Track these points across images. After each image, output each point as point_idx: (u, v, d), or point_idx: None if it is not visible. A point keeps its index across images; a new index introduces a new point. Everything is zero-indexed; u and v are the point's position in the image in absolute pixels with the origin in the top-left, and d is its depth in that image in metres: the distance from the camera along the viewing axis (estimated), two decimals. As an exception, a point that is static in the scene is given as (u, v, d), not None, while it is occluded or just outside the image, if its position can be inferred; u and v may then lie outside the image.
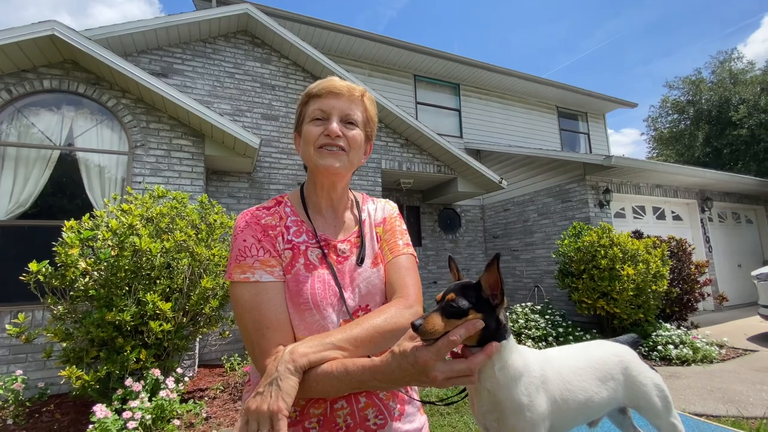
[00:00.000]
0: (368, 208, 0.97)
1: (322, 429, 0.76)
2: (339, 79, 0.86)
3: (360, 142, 0.86)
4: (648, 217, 7.80)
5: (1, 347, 3.63)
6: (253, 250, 0.79)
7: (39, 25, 3.89)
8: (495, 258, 0.59)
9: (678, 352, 4.49)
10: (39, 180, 4.08)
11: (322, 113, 0.83)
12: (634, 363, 0.71)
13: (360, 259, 0.86)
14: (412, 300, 0.80)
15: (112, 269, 2.81)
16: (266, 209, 0.87)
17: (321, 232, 0.86)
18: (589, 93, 10.89)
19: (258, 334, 0.72)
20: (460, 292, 0.59)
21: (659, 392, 0.69)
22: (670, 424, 0.68)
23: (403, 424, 0.84)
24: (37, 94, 4.18)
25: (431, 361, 0.56)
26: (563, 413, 0.61)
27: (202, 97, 5.43)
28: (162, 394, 2.71)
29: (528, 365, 0.60)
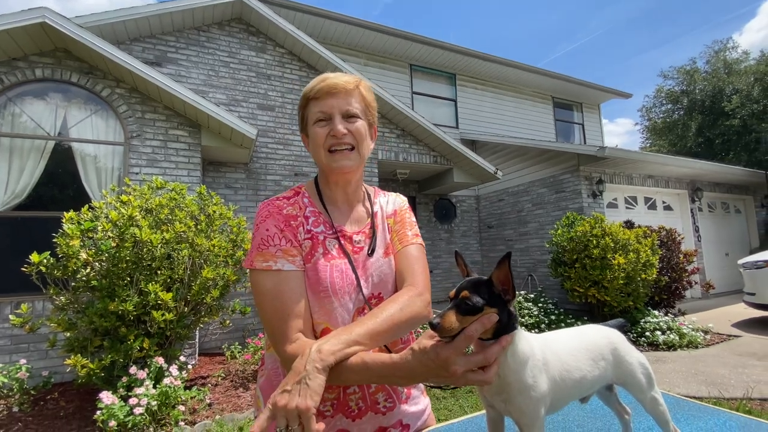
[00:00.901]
0: (380, 201, 1.01)
1: (336, 412, 0.82)
2: (332, 75, 0.87)
3: (364, 132, 0.89)
4: (640, 207, 7.94)
5: (2, 337, 3.66)
6: (276, 239, 0.81)
7: (29, 12, 3.82)
8: (507, 256, 0.61)
9: (665, 338, 4.65)
10: (34, 171, 4.06)
11: (323, 114, 0.85)
12: (622, 344, 0.77)
13: (371, 249, 0.90)
14: (421, 288, 0.84)
15: (113, 260, 2.84)
16: (287, 199, 0.89)
17: (337, 224, 0.90)
18: (583, 83, 10.92)
19: (279, 321, 0.75)
20: (473, 289, 0.61)
21: (644, 370, 0.76)
22: (652, 398, 0.75)
23: (409, 406, 0.91)
24: (29, 83, 4.12)
25: (452, 356, 0.58)
26: (561, 391, 0.67)
27: (197, 86, 5.39)
28: (166, 381, 2.77)
29: (532, 350, 0.65)
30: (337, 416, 0.82)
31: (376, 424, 0.85)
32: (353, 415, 0.83)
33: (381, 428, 0.86)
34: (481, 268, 9.03)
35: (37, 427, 2.87)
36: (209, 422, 2.82)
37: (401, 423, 0.89)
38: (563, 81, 10.63)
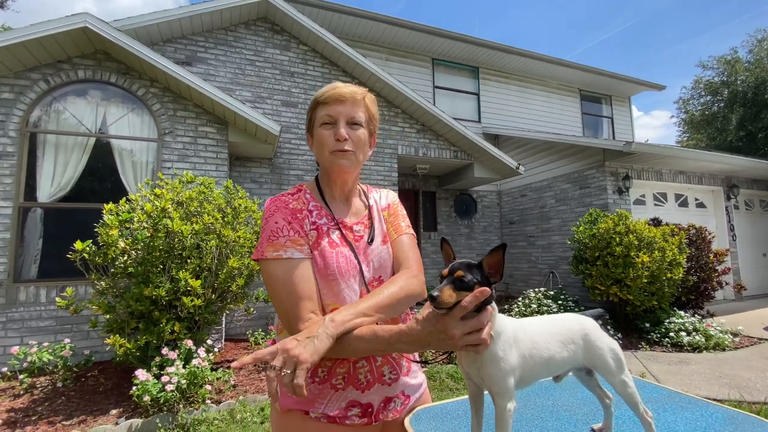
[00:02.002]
0: (374, 196, 1.12)
1: (347, 384, 0.92)
2: (343, 84, 0.97)
3: (364, 140, 0.99)
4: (669, 204, 7.66)
5: (49, 318, 3.99)
6: (285, 230, 0.90)
7: (72, 18, 4.10)
8: (502, 246, 0.72)
9: (690, 339, 4.53)
10: (77, 165, 4.38)
11: (330, 118, 0.94)
12: (593, 331, 0.84)
13: (371, 238, 1.01)
14: (415, 270, 0.96)
15: (148, 249, 3.07)
16: (291, 195, 0.99)
17: (338, 216, 1.01)
18: (613, 75, 10.55)
19: (292, 303, 0.84)
20: (467, 270, 0.71)
21: (613, 355, 0.82)
22: (621, 381, 0.81)
23: (410, 378, 1.02)
24: (72, 84, 4.43)
25: (450, 322, 0.69)
26: (530, 367, 0.75)
27: (224, 84, 5.62)
28: (194, 362, 2.98)
29: (504, 327, 0.75)
30: (348, 388, 0.92)
31: (383, 395, 0.95)
32: (362, 387, 0.93)
33: (387, 398, 0.96)
34: (502, 264, 8.96)
35: (79, 401, 3.15)
36: (233, 402, 3.01)
37: (403, 393, 1.00)
38: (591, 73, 10.31)
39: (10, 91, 4.14)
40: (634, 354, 4.48)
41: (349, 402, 0.92)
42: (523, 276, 8.41)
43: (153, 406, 2.77)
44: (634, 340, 5.02)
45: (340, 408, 0.91)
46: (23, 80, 4.20)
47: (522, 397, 1.15)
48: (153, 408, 2.78)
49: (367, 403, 0.93)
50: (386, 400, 0.96)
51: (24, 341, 3.81)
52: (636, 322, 5.32)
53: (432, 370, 3.74)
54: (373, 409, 0.94)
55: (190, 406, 2.89)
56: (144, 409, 2.80)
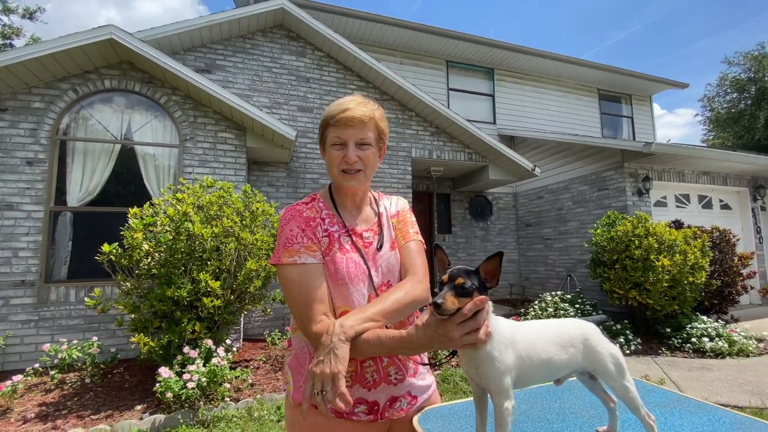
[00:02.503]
0: (384, 203, 1.17)
1: (354, 383, 0.97)
2: (352, 105, 0.99)
3: (373, 158, 1.03)
4: (692, 206, 7.44)
5: (78, 317, 4.18)
6: (299, 237, 0.96)
7: (99, 30, 4.29)
8: (499, 254, 0.76)
9: (713, 344, 4.40)
10: (104, 171, 4.58)
11: (339, 140, 0.99)
12: (593, 336, 0.86)
13: (380, 245, 1.06)
14: (421, 276, 1.00)
15: (170, 251, 3.19)
16: (305, 204, 1.05)
17: (348, 224, 1.06)
18: (632, 73, 10.32)
19: (306, 305, 0.90)
20: (466, 276, 0.75)
21: (614, 360, 0.84)
22: (622, 386, 0.83)
23: (417, 380, 1.06)
24: (99, 93, 4.63)
25: (449, 326, 0.74)
26: (528, 368, 0.77)
27: (242, 91, 5.77)
28: (214, 361, 3.08)
29: (500, 328, 0.78)
30: (355, 386, 0.97)
31: (388, 394, 1.00)
32: (369, 386, 0.98)
33: (393, 397, 1.00)
34: (518, 267, 8.89)
35: (106, 396, 3.29)
36: (251, 400, 3.10)
37: (410, 394, 1.04)
38: (609, 72, 10.11)
39: (41, 101, 4.36)
40: (654, 360, 4.39)
41: (356, 399, 0.96)
42: (540, 279, 8.31)
43: (175, 403, 2.89)
44: (654, 345, 4.91)
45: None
46: (53, 90, 4.42)
47: (529, 399, 1.18)
48: (175, 404, 2.89)
49: (373, 401, 0.98)
50: (392, 399, 1.00)
51: (54, 339, 4.00)
52: (656, 327, 5.20)
53: (446, 372, 3.76)
54: (379, 407, 0.98)
55: (210, 403, 2.99)
56: (167, 405, 2.91)
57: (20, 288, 4.05)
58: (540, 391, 1.24)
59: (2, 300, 3.98)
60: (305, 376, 0.95)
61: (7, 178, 4.14)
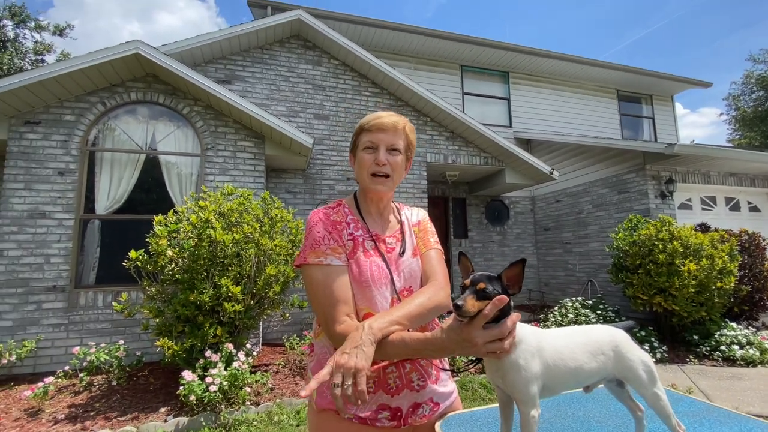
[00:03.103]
0: (405, 213, 1.21)
1: (378, 388, 0.98)
2: (386, 114, 1.07)
3: (401, 165, 1.08)
4: (719, 209, 7.20)
5: (105, 321, 4.33)
6: (326, 240, 1.00)
7: (125, 45, 4.48)
8: (522, 260, 0.77)
9: (743, 352, 4.23)
10: (130, 180, 4.74)
11: (372, 144, 1.05)
12: (624, 343, 0.84)
13: (402, 250, 1.09)
14: (442, 283, 1.02)
15: (193, 257, 3.28)
16: (332, 209, 1.10)
17: (372, 229, 1.10)
18: (652, 73, 10.09)
19: (330, 306, 0.92)
20: (488, 281, 0.76)
21: (645, 367, 0.82)
22: (654, 394, 0.81)
23: (439, 386, 1.07)
24: (125, 105, 4.81)
25: (473, 331, 0.73)
26: (555, 376, 0.76)
27: (260, 100, 5.90)
28: (235, 365, 3.14)
29: (526, 336, 0.78)
30: (378, 392, 0.98)
31: (411, 400, 1.01)
32: (392, 392, 0.99)
33: (415, 404, 1.02)
34: (537, 272, 8.75)
35: (132, 398, 3.39)
36: (271, 404, 3.14)
37: (432, 400, 1.05)
38: (628, 72, 9.91)
39: (72, 114, 4.56)
40: (682, 368, 4.24)
41: (380, 405, 0.98)
42: (560, 284, 8.15)
43: (198, 406, 2.95)
44: (682, 353, 4.75)
45: (371, 410, 0.98)
46: (83, 103, 4.62)
47: (553, 407, 1.17)
48: (198, 407, 2.96)
49: (396, 407, 0.99)
50: (414, 405, 1.01)
51: (83, 342, 4.15)
52: (683, 334, 5.03)
53: (464, 379, 3.73)
54: (402, 413, 0.99)
55: (231, 407, 3.04)
56: (190, 408, 2.98)
57: (52, 293, 4.22)
58: (564, 398, 1.23)
59: (35, 304, 4.16)
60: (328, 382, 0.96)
61: (41, 187, 4.33)
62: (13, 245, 4.18)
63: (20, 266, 4.17)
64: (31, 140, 4.39)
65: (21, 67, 13.69)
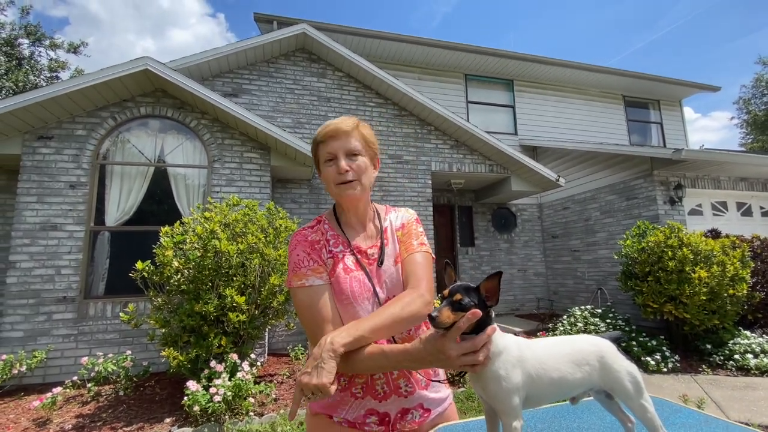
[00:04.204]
0: (390, 217, 1.16)
1: (366, 394, 0.99)
2: (335, 120, 1.04)
3: (365, 166, 1.04)
4: (731, 214, 7.06)
5: (113, 331, 4.39)
6: (305, 261, 1.00)
7: (135, 61, 4.61)
8: (498, 273, 0.77)
9: (758, 361, 4.12)
10: (139, 192, 4.84)
11: (330, 155, 1.02)
12: (610, 353, 0.83)
13: (380, 261, 1.07)
14: (422, 289, 0.96)
15: (198, 268, 3.32)
16: (311, 228, 1.09)
17: (354, 242, 1.07)
18: (659, 78, 10.03)
19: (315, 326, 0.93)
20: (465, 293, 0.76)
21: (631, 378, 0.81)
22: (640, 405, 0.79)
23: (429, 392, 1.06)
24: (135, 119, 4.94)
25: (446, 343, 0.73)
26: (538, 387, 0.75)
27: (266, 112, 6.01)
28: (239, 375, 3.15)
29: (507, 346, 0.77)
30: (366, 397, 0.99)
31: (399, 406, 1.01)
32: (380, 397, 1.00)
33: (404, 409, 1.02)
34: (546, 280, 8.64)
35: (138, 409, 3.42)
36: (274, 415, 3.14)
37: (422, 406, 1.05)
38: (634, 78, 9.87)
39: (83, 128, 4.70)
40: (695, 378, 4.14)
41: (368, 410, 0.99)
42: (569, 293, 8.04)
43: (202, 416, 2.96)
44: (694, 362, 4.63)
45: (359, 414, 0.99)
46: (94, 118, 4.75)
47: (546, 418, 1.16)
48: (202, 417, 2.97)
49: (384, 413, 1.00)
50: (403, 411, 1.02)
51: (92, 352, 4.20)
52: (696, 342, 4.91)
53: (470, 390, 3.68)
54: (390, 419, 1.00)
55: (235, 417, 3.05)
56: (194, 419, 2.99)
57: (62, 304, 4.30)
58: (558, 410, 1.21)
59: (45, 315, 4.24)
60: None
61: (53, 200, 4.45)
62: (26, 257, 4.28)
63: (32, 278, 4.26)
64: (44, 155, 4.52)
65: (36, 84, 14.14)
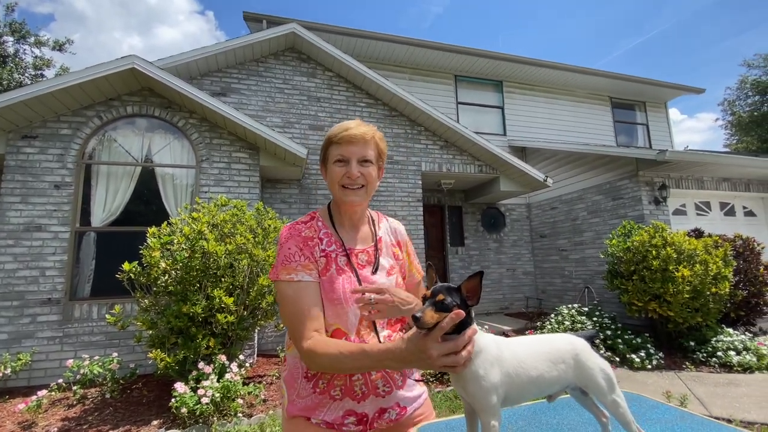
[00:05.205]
0: (384, 227, 1.20)
1: (344, 396, 1.00)
2: (353, 125, 1.04)
3: (374, 176, 1.07)
4: (714, 214, 7.22)
5: (99, 333, 4.32)
6: (296, 256, 0.99)
7: (122, 60, 4.55)
8: (479, 273, 0.78)
9: (740, 358, 4.22)
10: (125, 192, 4.78)
11: (342, 157, 1.03)
12: (584, 351, 0.85)
13: (375, 268, 1.08)
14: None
15: (186, 269, 3.30)
16: (304, 223, 1.07)
17: (347, 244, 1.07)
18: (645, 81, 10.21)
19: (299, 322, 0.93)
20: (447, 293, 0.77)
21: (604, 375, 0.83)
22: (613, 401, 0.82)
23: (405, 391, 1.09)
24: (121, 118, 4.87)
25: (428, 342, 0.74)
26: (516, 385, 0.77)
27: (256, 112, 5.97)
28: (227, 376, 3.14)
29: (486, 345, 0.79)
30: (345, 399, 1.00)
31: (377, 406, 1.03)
32: (358, 398, 1.01)
33: (381, 409, 1.04)
34: (534, 279, 8.74)
35: (125, 411, 3.37)
36: (263, 416, 3.13)
37: (398, 405, 1.07)
38: (621, 80, 10.03)
39: (69, 128, 4.62)
40: (678, 375, 4.23)
41: (346, 411, 1.00)
42: (557, 292, 8.14)
43: (190, 418, 2.94)
44: (678, 359, 4.73)
45: (337, 416, 1.00)
46: (80, 117, 4.68)
47: (527, 416, 1.18)
48: (190, 419, 2.95)
49: (362, 413, 1.01)
50: (380, 410, 1.03)
51: (77, 355, 4.14)
52: (680, 340, 5.02)
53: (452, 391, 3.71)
54: (368, 418, 1.02)
55: (224, 419, 3.03)
56: (182, 421, 2.97)
57: (47, 306, 4.23)
58: (539, 407, 1.24)
59: (30, 317, 4.16)
60: (297, 390, 1.02)
61: (37, 201, 4.37)
62: (9, 258, 4.20)
63: (16, 279, 4.18)
64: (28, 154, 4.43)
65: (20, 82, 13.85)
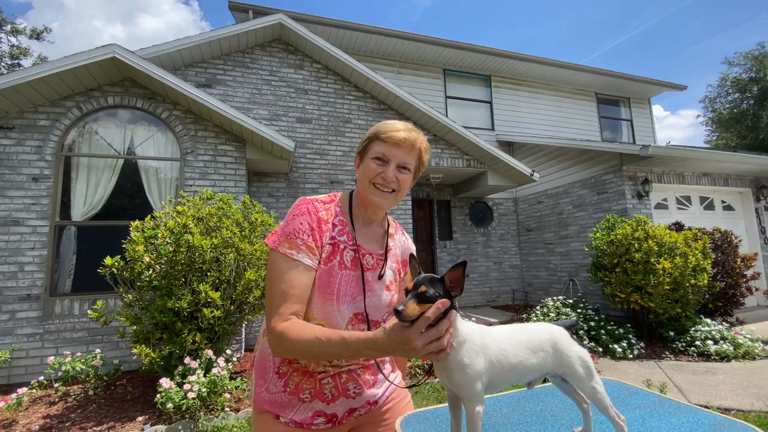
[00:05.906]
0: (398, 239, 1.15)
1: (313, 398, 0.98)
2: (405, 130, 0.98)
3: (408, 185, 1.02)
4: (694, 208, 7.41)
5: (82, 330, 4.23)
6: (305, 235, 0.93)
7: (102, 49, 4.41)
8: (463, 263, 0.77)
9: (717, 348, 4.37)
10: (107, 185, 4.66)
11: (383, 156, 0.97)
12: (562, 339, 0.87)
13: (380, 274, 1.05)
14: None
15: (170, 263, 3.24)
16: (323, 203, 1.01)
17: (358, 239, 1.02)
18: (629, 77, 10.37)
19: (281, 298, 0.88)
20: (430, 284, 0.76)
21: (582, 363, 0.85)
22: (591, 388, 0.84)
23: (375, 389, 1.09)
24: (102, 109, 4.74)
25: (412, 334, 0.72)
26: (499, 372, 0.78)
27: (242, 104, 5.87)
28: (214, 371, 3.11)
29: (471, 334, 0.79)
30: (314, 401, 0.99)
31: (347, 407, 1.03)
32: (328, 400, 1.00)
33: (351, 409, 1.03)
34: (520, 272, 8.86)
35: (109, 408, 3.32)
36: (251, 410, 3.12)
37: (368, 402, 1.07)
38: (606, 76, 10.17)
39: (47, 119, 4.47)
40: (658, 364, 4.35)
41: (315, 412, 0.99)
42: (543, 284, 8.27)
43: (176, 413, 2.91)
44: (658, 349, 4.87)
45: (306, 416, 0.98)
46: (58, 108, 4.53)
47: (510, 403, 1.20)
48: (176, 415, 2.92)
49: (332, 414, 1.01)
50: (350, 410, 1.03)
51: (59, 351, 4.05)
52: (660, 330, 5.16)
53: (446, 379, 3.75)
54: (338, 418, 1.02)
55: (210, 414, 3.01)
56: (167, 416, 2.94)
57: (26, 302, 4.11)
58: (522, 394, 1.26)
59: (8, 314, 4.05)
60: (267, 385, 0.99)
61: (14, 194, 4.23)
62: (-15, 254, 4.07)
63: (-8, 275, 4.06)
64: (4, 146, 4.28)
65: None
